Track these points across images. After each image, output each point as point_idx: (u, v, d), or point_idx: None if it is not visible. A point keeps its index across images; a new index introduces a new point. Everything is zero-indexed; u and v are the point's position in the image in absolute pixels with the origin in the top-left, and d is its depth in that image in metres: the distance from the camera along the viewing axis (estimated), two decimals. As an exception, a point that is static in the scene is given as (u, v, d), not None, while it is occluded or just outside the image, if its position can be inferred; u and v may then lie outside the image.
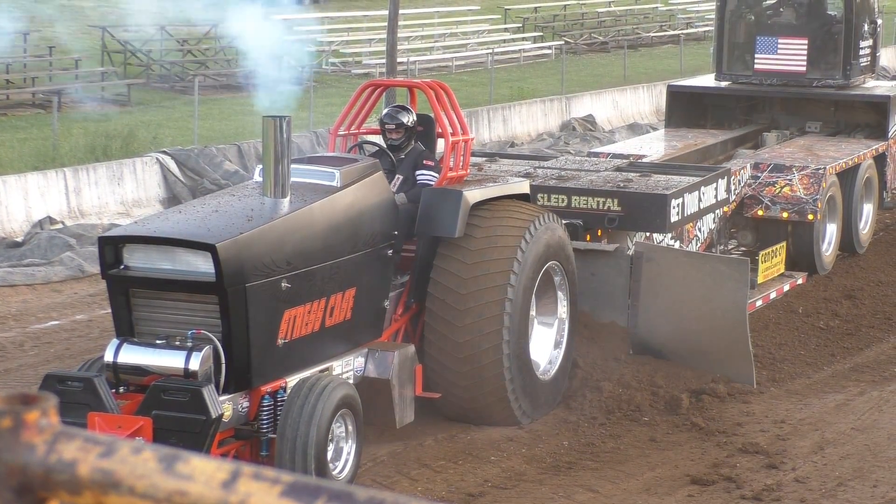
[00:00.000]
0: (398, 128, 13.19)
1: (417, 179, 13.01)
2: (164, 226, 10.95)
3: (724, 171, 16.99)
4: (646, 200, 14.99)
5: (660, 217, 14.91)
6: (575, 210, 15.02)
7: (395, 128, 13.20)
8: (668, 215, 14.87)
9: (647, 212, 14.96)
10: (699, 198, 15.73)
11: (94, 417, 9.73)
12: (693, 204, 15.56)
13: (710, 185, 16.09)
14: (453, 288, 12.55)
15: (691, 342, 14.17)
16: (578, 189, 15.26)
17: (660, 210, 14.88)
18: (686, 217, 15.49)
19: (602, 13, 53.41)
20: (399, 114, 13.31)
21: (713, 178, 16.27)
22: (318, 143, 24.81)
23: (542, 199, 15.07)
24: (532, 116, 31.30)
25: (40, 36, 37.49)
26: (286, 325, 10.94)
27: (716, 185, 16.28)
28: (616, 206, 14.94)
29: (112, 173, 21.66)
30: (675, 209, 15.02)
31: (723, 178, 16.59)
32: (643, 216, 15.02)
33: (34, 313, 16.75)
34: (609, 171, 16.40)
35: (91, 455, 2.04)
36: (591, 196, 15.11)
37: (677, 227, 15.90)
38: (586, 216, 15.02)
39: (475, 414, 12.80)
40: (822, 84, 21.51)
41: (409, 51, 38.83)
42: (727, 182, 16.72)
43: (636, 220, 15.12)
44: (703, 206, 15.93)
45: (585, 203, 15.06)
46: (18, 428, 2.05)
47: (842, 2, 21.53)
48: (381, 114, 13.89)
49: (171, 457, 2.03)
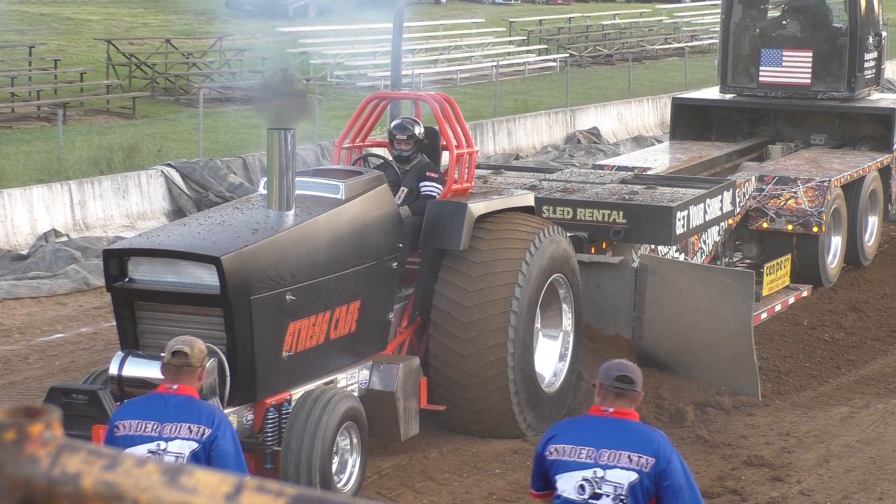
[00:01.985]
0: (409, 139, 13.19)
1: (421, 191, 13.02)
2: (168, 238, 10.96)
3: (729, 183, 16.99)
4: (651, 213, 14.99)
5: (665, 229, 14.91)
6: (580, 222, 15.03)
7: (405, 139, 13.19)
8: (673, 227, 14.85)
9: (652, 224, 14.96)
10: (704, 210, 15.72)
11: (98, 430, 9.72)
12: (698, 216, 15.56)
13: (716, 198, 16.10)
14: (458, 300, 12.55)
15: (696, 354, 14.17)
16: (584, 201, 15.26)
17: (665, 222, 14.87)
18: (691, 229, 15.48)
19: (606, 26, 53.46)
20: (410, 125, 13.32)
21: (718, 191, 16.28)
22: (322, 155, 24.83)
23: (548, 212, 15.08)
24: (537, 129, 31.32)
25: (45, 49, 37.58)
26: (291, 338, 10.93)
27: (721, 197, 16.28)
28: (621, 219, 14.94)
29: (117, 186, 21.68)
30: (681, 221, 15.01)
31: (728, 190, 16.59)
32: (648, 228, 15.01)
33: (39, 326, 16.77)
34: (614, 183, 16.39)
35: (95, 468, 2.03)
36: (596, 208, 15.10)
37: (683, 240, 15.90)
38: (591, 228, 15.02)
39: (480, 426, 12.79)
40: (826, 96, 21.51)
41: (414, 63, 38.85)
42: (732, 194, 16.72)
43: (641, 233, 15.11)
44: (709, 218, 15.93)
45: (591, 215, 15.06)
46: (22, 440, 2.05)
47: (846, 14, 21.55)
48: (385, 126, 13.90)
49: (175, 469, 2.03)
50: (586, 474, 6.41)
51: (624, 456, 6.39)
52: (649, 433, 6.61)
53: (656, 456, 6.38)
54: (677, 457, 6.47)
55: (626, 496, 6.36)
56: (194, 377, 7.32)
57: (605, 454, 6.40)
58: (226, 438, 7.19)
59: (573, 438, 6.51)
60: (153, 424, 7.21)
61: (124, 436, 7.23)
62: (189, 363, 7.23)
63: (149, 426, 7.22)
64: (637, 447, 6.40)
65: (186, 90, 34.84)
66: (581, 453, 6.45)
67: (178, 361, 7.24)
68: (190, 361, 7.24)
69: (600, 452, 6.41)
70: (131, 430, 7.24)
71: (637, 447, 6.40)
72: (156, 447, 7.16)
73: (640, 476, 6.35)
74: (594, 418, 6.61)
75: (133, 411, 7.39)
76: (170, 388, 7.29)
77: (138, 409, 7.40)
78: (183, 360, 7.24)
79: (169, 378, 7.32)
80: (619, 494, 6.37)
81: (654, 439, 6.49)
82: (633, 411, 6.59)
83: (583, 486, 6.42)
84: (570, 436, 6.55)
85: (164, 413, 7.21)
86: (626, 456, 6.38)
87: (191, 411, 7.22)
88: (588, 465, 6.41)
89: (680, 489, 6.35)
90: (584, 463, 6.42)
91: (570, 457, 6.45)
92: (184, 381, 7.27)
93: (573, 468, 6.44)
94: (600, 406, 6.56)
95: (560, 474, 6.47)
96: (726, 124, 22.42)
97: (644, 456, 6.38)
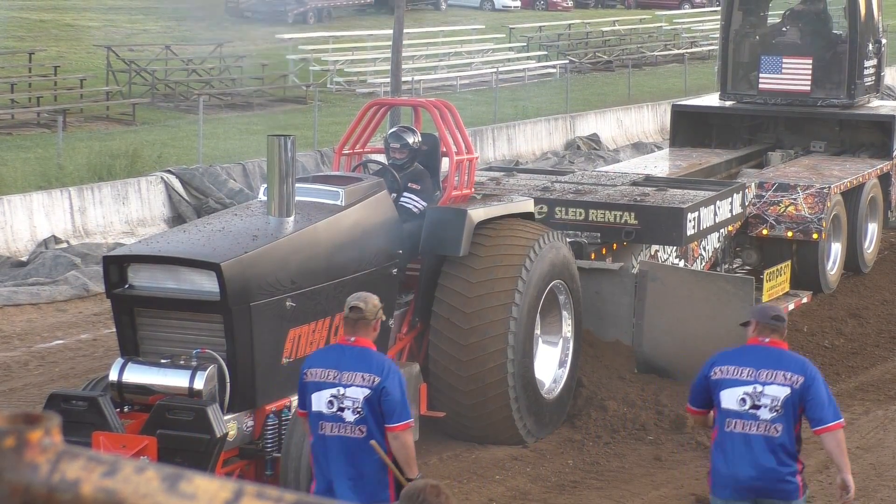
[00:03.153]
0: (402, 148, 13.20)
1: (399, 201, 12.97)
2: (168, 245, 10.96)
3: (739, 185, 17.14)
4: (662, 214, 15.08)
5: (676, 230, 14.98)
6: (592, 223, 15.12)
7: (399, 147, 13.21)
8: (684, 229, 14.92)
9: (663, 225, 15.05)
10: (714, 212, 15.83)
11: (98, 437, 9.72)
12: (709, 218, 15.65)
13: (726, 200, 16.22)
14: (458, 307, 12.55)
15: (696, 361, 14.12)
16: (596, 203, 15.34)
17: (676, 223, 14.94)
18: (702, 231, 15.57)
19: (606, 32, 53.50)
20: (404, 134, 13.32)
21: (728, 193, 16.39)
22: (322, 161, 24.84)
23: (560, 213, 15.18)
24: (536, 135, 31.33)
25: (45, 55, 37.61)
26: (291, 344, 10.93)
27: (731, 199, 16.39)
28: (633, 220, 15.02)
29: (117, 192, 21.69)
30: (692, 223, 15.10)
31: (738, 192, 16.73)
32: (660, 229, 15.11)
33: (39, 332, 16.76)
34: (625, 185, 16.50)
35: (94, 474, 2.03)
36: (608, 210, 15.18)
37: (694, 241, 16.01)
38: (604, 230, 15.11)
39: (480, 433, 12.78)
40: (826, 103, 21.51)
41: (414, 70, 38.88)
42: (742, 197, 16.82)
43: (653, 234, 15.22)
44: (719, 220, 16.04)
45: (603, 217, 15.13)
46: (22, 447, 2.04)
47: (846, 21, 21.56)
48: (385, 133, 13.90)
49: (175, 476, 2.03)
50: (748, 389, 8.17)
51: (780, 375, 8.14)
52: (799, 358, 8.43)
53: (805, 375, 8.12)
54: (820, 377, 8.25)
55: (781, 407, 8.11)
56: (369, 329, 8.20)
57: (763, 373, 8.17)
58: (394, 386, 8.08)
59: (736, 361, 8.27)
60: (334, 373, 8.17)
61: (312, 382, 8.25)
62: (364, 317, 8.12)
63: (330, 374, 8.18)
64: (790, 368, 8.16)
65: (186, 96, 34.85)
66: (743, 373, 8.21)
67: (355, 315, 8.15)
68: (365, 315, 8.12)
69: (759, 372, 8.17)
70: (316, 377, 8.22)
71: (790, 368, 8.16)
72: (336, 392, 8.13)
73: (791, 391, 8.11)
74: (753, 347, 8.29)
75: (318, 360, 8.39)
76: (348, 339, 8.22)
77: (322, 358, 8.44)
78: (359, 314, 8.12)
79: (347, 331, 8.25)
80: (774, 406, 8.13)
81: (803, 363, 8.31)
82: (784, 342, 8.35)
83: (744, 399, 8.18)
84: (734, 360, 8.30)
85: (342, 362, 8.18)
86: (782, 374, 8.14)
87: (365, 361, 8.15)
88: (749, 382, 8.17)
89: (822, 402, 8.11)
90: (746, 381, 8.18)
91: (733, 375, 8.22)
92: (360, 334, 8.17)
93: (736, 385, 8.19)
94: (758, 338, 8.26)
95: (724, 390, 8.22)
96: (726, 131, 22.42)
97: (795, 374, 8.12)
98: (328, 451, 8.22)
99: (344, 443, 8.17)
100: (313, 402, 8.24)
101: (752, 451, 8.16)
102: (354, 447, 8.16)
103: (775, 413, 8.11)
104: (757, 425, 8.16)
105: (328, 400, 8.18)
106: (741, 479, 8.19)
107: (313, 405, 8.24)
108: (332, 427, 8.20)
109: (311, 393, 8.24)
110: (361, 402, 8.07)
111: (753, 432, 8.16)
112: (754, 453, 8.15)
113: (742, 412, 8.15)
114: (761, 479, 8.16)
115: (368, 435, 8.09)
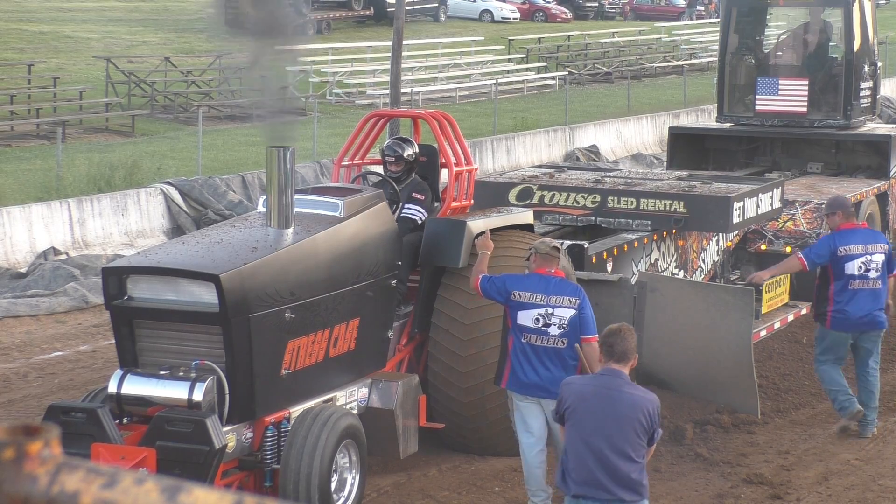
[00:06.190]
0: (398, 160, 13.20)
1: (402, 212, 12.99)
2: (167, 256, 10.95)
3: (779, 181, 17.82)
4: (710, 202, 15.79)
5: (723, 218, 15.71)
6: (643, 212, 15.82)
7: (394, 160, 13.21)
8: (731, 217, 15.62)
9: (711, 213, 15.77)
10: (757, 203, 16.49)
11: (97, 448, 9.71)
12: (752, 208, 16.31)
13: (767, 193, 16.83)
14: (457, 318, 12.55)
15: (695, 372, 14.15)
16: (647, 192, 16.01)
17: (723, 211, 15.65)
18: (746, 220, 16.26)
19: (605, 44, 53.56)
20: (400, 146, 13.32)
21: (770, 187, 17.04)
22: (321, 173, 24.86)
23: (613, 202, 15.84)
24: (536, 147, 31.36)
25: (45, 67, 37.63)
26: (290, 356, 10.93)
27: (772, 193, 16.98)
28: (682, 208, 15.72)
29: (116, 204, 21.70)
30: (737, 211, 15.77)
31: (777, 188, 17.33)
32: (708, 217, 15.85)
33: (38, 344, 16.76)
34: (671, 179, 17.23)
35: (94, 486, 2.03)
36: (658, 199, 15.86)
37: (739, 228, 16.85)
38: (654, 217, 15.79)
39: (479, 444, 12.78)
40: (823, 125, 21.62)
41: (413, 81, 38.93)
42: (781, 192, 17.38)
43: (701, 221, 15.97)
44: (761, 211, 16.67)
45: (653, 205, 15.82)
46: (21, 459, 2.04)
47: (842, 44, 21.65)
48: (384, 144, 13.91)
49: (174, 488, 2.03)
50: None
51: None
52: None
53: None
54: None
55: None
56: (559, 264, 10.68)
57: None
58: (587, 306, 10.46)
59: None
60: (541, 296, 10.42)
61: (519, 302, 10.48)
62: (556, 256, 10.64)
63: (538, 297, 10.43)
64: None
65: (186, 108, 34.87)
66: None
67: (555, 253, 10.63)
68: (557, 255, 10.65)
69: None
70: (525, 298, 10.45)
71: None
72: (544, 311, 10.39)
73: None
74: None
75: (525, 285, 10.53)
76: (549, 271, 10.53)
77: (529, 283, 10.54)
78: (555, 252, 10.65)
79: (544, 264, 10.53)
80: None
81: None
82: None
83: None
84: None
85: (548, 288, 10.45)
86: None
87: (566, 287, 10.53)
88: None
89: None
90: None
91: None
92: (556, 267, 10.61)
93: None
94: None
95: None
96: (723, 154, 22.55)
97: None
98: (528, 356, 10.48)
99: (546, 351, 10.42)
100: (519, 317, 10.47)
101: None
102: (553, 354, 10.40)
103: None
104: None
105: (535, 317, 10.41)
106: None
107: (519, 319, 10.47)
108: (536, 338, 10.44)
109: (517, 310, 10.47)
110: (567, 320, 10.36)
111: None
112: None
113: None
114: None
115: (569, 345, 10.32)
